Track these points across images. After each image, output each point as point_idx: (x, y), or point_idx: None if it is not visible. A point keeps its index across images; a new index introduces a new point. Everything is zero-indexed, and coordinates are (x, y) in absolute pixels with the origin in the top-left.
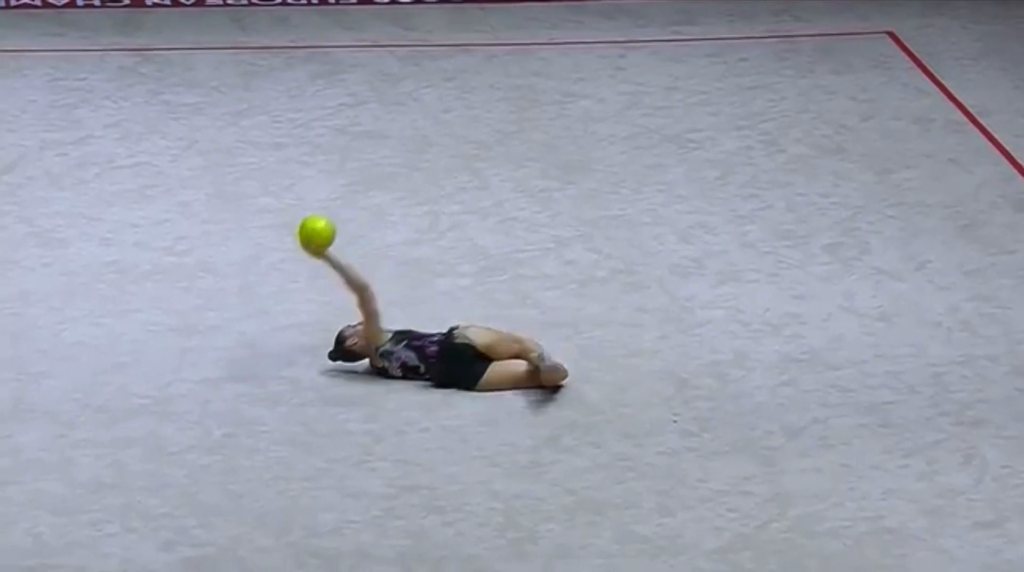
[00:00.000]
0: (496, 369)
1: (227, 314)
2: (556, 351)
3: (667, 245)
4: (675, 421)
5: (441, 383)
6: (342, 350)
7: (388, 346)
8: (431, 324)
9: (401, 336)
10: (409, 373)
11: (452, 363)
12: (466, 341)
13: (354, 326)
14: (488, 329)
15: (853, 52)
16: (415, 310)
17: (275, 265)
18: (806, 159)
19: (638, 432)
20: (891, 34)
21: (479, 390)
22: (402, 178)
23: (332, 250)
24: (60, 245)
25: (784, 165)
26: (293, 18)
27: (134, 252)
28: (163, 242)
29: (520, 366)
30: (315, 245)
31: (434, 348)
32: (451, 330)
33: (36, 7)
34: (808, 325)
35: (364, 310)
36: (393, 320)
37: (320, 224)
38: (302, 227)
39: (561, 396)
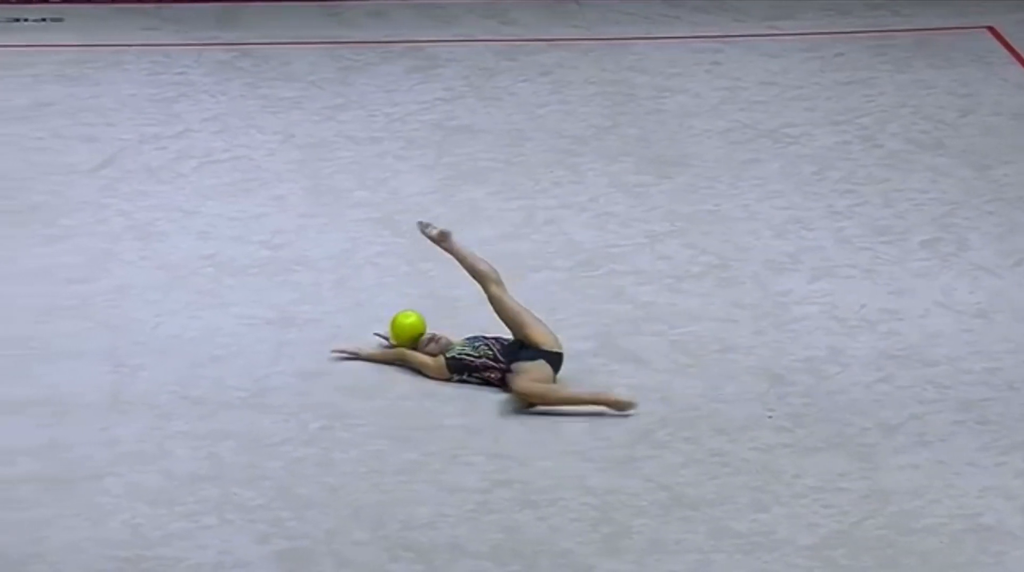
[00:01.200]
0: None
1: (323, 307)
2: (649, 346)
3: (762, 240)
4: (770, 417)
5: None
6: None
7: (457, 349)
8: None
9: (474, 339)
10: (479, 360)
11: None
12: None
13: (438, 339)
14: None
15: (952, 47)
16: None
17: (370, 259)
18: (903, 154)
19: (732, 428)
20: (991, 29)
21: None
22: (497, 173)
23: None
24: (158, 238)
25: (881, 160)
26: (390, 13)
27: (231, 246)
28: (260, 236)
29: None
30: (406, 334)
31: (505, 341)
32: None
33: (137, 2)
34: (905, 321)
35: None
36: (485, 314)
37: (410, 320)
38: (397, 325)
39: (655, 392)
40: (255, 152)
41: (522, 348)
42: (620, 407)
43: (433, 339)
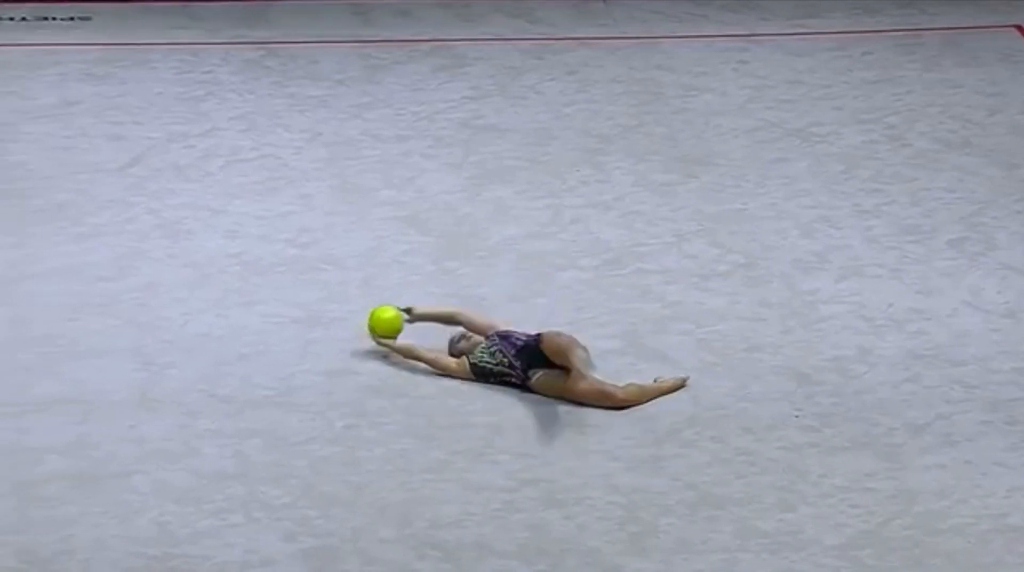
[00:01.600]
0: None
1: (350, 306)
2: (675, 345)
3: (789, 239)
4: (797, 416)
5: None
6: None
7: (478, 354)
8: (551, 317)
9: (492, 344)
10: (496, 368)
11: (529, 358)
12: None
13: (469, 337)
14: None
15: (980, 46)
16: (535, 304)
17: (397, 258)
18: (931, 153)
19: (759, 427)
20: (1020, 28)
21: (532, 386)
22: (524, 171)
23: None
24: (186, 237)
25: (909, 159)
26: (416, 12)
27: (258, 244)
28: (287, 234)
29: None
30: (383, 329)
31: (520, 342)
32: (539, 335)
33: (164, 0)
34: (932, 321)
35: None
36: (512, 313)
37: (388, 314)
38: (376, 319)
39: (682, 390)
40: (282, 151)
41: (534, 352)
42: (680, 385)
43: (464, 337)
